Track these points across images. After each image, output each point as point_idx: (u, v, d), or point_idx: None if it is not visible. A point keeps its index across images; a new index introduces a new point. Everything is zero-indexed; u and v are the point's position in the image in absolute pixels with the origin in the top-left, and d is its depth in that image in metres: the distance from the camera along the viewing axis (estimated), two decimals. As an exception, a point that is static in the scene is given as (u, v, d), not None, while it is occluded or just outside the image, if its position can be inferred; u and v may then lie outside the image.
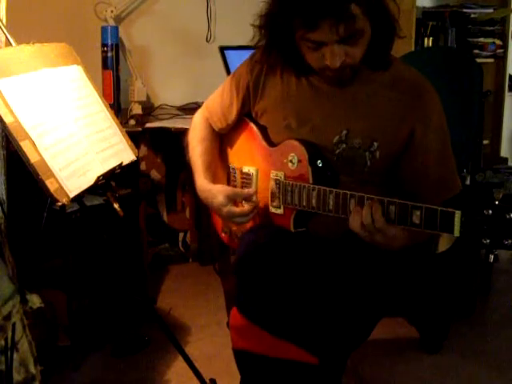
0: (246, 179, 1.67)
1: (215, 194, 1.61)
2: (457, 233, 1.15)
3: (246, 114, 1.68)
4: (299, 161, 1.49)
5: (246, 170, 1.68)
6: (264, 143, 1.61)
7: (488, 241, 1.14)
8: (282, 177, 1.53)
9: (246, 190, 1.63)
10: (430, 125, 1.45)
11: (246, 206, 1.58)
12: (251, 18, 1.49)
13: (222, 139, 1.80)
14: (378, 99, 1.46)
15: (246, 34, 1.52)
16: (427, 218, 1.20)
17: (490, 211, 1.13)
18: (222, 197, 1.58)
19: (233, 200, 1.60)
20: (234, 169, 1.74)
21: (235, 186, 1.72)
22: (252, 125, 1.67)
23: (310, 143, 1.49)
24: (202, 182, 1.67)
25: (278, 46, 1.48)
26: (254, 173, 1.64)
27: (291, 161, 1.51)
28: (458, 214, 1.15)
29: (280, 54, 1.50)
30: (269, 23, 1.45)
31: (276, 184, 1.55)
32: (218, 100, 1.73)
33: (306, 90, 1.53)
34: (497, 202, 1.13)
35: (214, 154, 1.76)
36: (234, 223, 1.65)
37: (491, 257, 1.18)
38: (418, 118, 1.44)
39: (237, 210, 1.58)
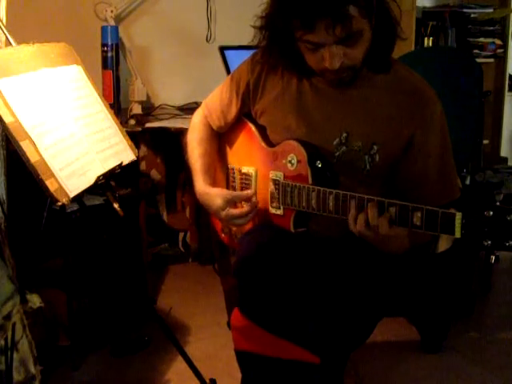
0: (246, 180, 1.67)
1: (214, 198, 1.61)
2: (458, 234, 1.15)
3: (245, 114, 1.68)
4: (298, 161, 1.49)
5: (245, 170, 1.68)
6: (263, 143, 1.61)
7: (489, 242, 1.14)
8: (281, 177, 1.53)
9: (244, 192, 1.63)
10: (430, 129, 1.44)
11: (245, 207, 1.58)
12: (251, 17, 1.49)
13: (221, 139, 1.80)
14: (379, 102, 1.46)
15: (246, 34, 1.52)
16: (428, 219, 1.20)
17: (491, 213, 1.12)
18: (220, 200, 1.59)
19: (232, 203, 1.60)
20: (233, 169, 1.74)
21: (234, 187, 1.72)
22: (251, 125, 1.66)
23: (309, 144, 1.49)
24: (200, 185, 1.67)
25: (278, 48, 1.48)
26: (253, 173, 1.64)
27: (290, 161, 1.51)
28: (458, 216, 1.15)
29: (280, 56, 1.50)
30: (268, 24, 1.44)
31: (275, 185, 1.55)
32: (217, 98, 1.73)
33: (306, 90, 1.53)
34: (498, 204, 1.13)
35: (213, 155, 1.76)
36: (234, 225, 1.65)
37: (492, 258, 1.18)
38: (419, 122, 1.43)
39: (235, 212, 1.58)
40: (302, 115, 1.53)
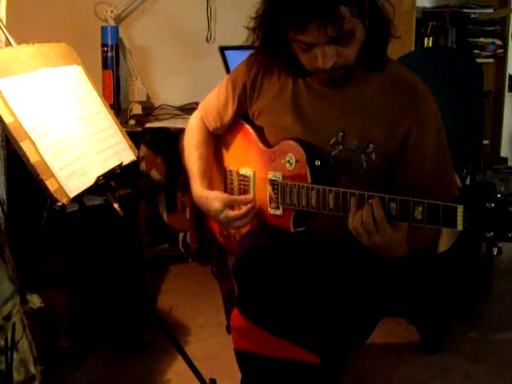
0: (244, 181, 1.67)
1: (212, 201, 1.61)
2: (460, 227, 1.15)
3: (241, 116, 1.68)
4: (297, 161, 1.49)
5: (243, 171, 1.68)
6: (261, 144, 1.61)
7: (492, 233, 1.14)
8: (280, 177, 1.53)
9: (242, 197, 1.63)
10: (426, 128, 1.44)
11: (242, 208, 1.58)
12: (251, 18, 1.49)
13: (218, 141, 1.79)
14: (374, 101, 1.46)
15: (245, 34, 1.52)
16: (429, 213, 1.20)
17: (493, 204, 1.13)
18: (218, 203, 1.59)
19: (229, 206, 1.60)
20: (230, 171, 1.73)
21: (232, 189, 1.72)
22: (248, 126, 1.66)
23: (307, 143, 1.49)
24: (198, 189, 1.67)
25: (271, 48, 1.48)
26: (252, 174, 1.64)
27: (289, 161, 1.51)
28: (460, 209, 1.15)
29: (274, 56, 1.50)
30: (261, 25, 1.45)
31: (274, 185, 1.54)
32: (213, 99, 1.73)
33: (301, 90, 1.53)
34: (499, 195, 1.13)
35: (210, 159, 1.76)
36: (233, 227, 1.65)
37: (495, 250, 1.19)
38: (413, 120, 1.43)
39: (234, 213, 1.58)
40: (299, 115, 1.53)
